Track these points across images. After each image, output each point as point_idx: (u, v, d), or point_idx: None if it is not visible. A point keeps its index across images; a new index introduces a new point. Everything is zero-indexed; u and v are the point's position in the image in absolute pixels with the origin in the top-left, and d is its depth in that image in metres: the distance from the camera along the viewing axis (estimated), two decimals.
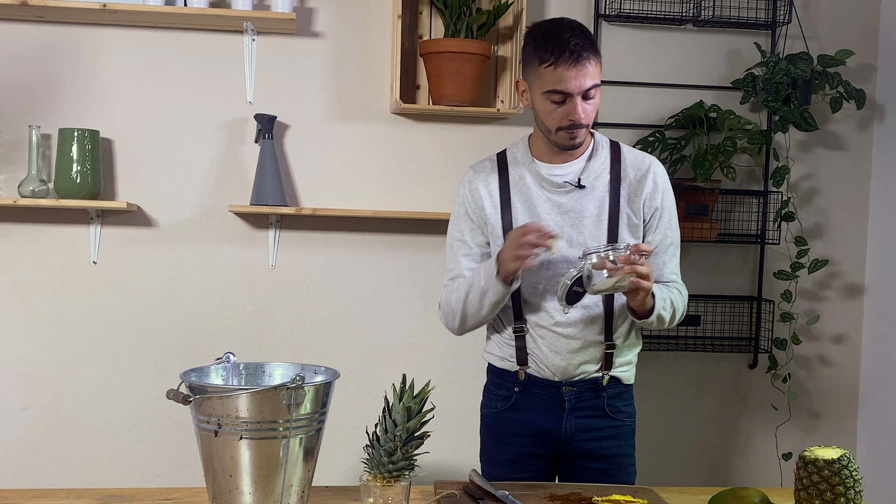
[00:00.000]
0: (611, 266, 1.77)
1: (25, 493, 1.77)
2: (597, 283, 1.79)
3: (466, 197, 2.07)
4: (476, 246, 2.07)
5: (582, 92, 1.89)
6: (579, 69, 1.87)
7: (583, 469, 2.04)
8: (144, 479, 2.90)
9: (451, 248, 2.10)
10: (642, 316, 1.95)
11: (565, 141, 1.95)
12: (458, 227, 2.09)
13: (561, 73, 1.87)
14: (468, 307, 1.99)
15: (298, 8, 2.88)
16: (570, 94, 1.88)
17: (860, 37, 3.13)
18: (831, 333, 3.21)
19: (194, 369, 1.65)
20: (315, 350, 2.95)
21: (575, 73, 1.87)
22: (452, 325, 2.08)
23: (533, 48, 1.92)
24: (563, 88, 1.88)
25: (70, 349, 2.87)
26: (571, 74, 1.87)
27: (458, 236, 2.08)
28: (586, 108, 1.91)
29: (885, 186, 3.13)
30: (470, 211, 2.06)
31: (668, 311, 1.97)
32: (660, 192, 2.02)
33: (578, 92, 1.88)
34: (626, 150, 2.06)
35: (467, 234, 2.07)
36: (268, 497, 1.53)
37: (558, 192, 1.99)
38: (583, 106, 1.90)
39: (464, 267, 2.07)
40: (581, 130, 1.93)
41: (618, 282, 1.78)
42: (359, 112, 2.94)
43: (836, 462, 1.54)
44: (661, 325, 1.99)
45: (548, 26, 1.93)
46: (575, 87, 1.88)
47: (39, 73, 2.81)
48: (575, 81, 1.87)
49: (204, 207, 2.90)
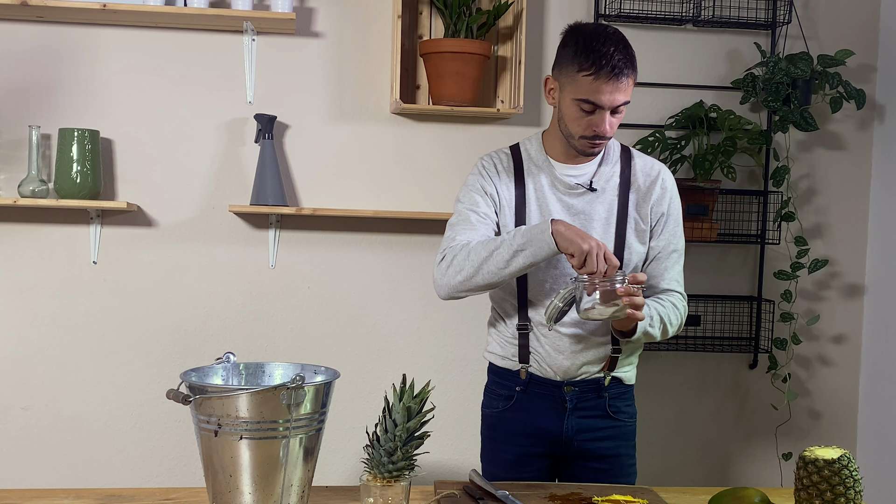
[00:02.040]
0: (605, 291, 1.77)
1: (25, 493, 1.77)
2: (592, 311, 1.79)
3: (482, 174, 2.02)
4: (487, 217, 1.98)
5: (613, 107, 1.89)
6: (616, 85, 1.86)
7: (583, 469, 2.04)
8: (144, 479, 2.90)
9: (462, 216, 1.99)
10: (625, 335, 1.95)
11: (585, 148, 1.94)
12: (472, 197, 2.00)
13: (598, 86, 1.86)
14: (489, 263, 1.87)
15: (298, 8, 2.88)
16: (602, 107, 1.88)
17: (860, 37, 3.13)
18: (831, 333, 3.21)
19: (194, 369, 1.65)
20: (315, 350, 2.95)
21: (611, 88, 1.86)
22: (451, 281, 1.93)
23: (573, 53, 1.88)
24: (597, 101, 1.87)
25: (70, 349, 2.87)
26: (608, 89, 1.86)
27: (466, 206, 2.00)
28: (613, 121, 1.91)
29: (885, 186, 3.13)
30: (485, 187, 2.00)
31: (657, 327, 1.96)
32: (667, 199, 2.02)
33: (610, 106, 1.88)
34: (636, 155, 2.06)
35: (478, 205, 1.99)
36: (268, 497, 1.53)
37: (570, 194, 1.99)
38: (610, 120, 1.90)
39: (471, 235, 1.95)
40: (603, 142, 1.94)
41: (614, 312, 1.79)
42: (359, 112, 2.94)
43: (836, 462, 1.54)
44: (651, 339, 1.98)
45: (592, 33, 1.88)
46: (608, 101, 1.87)
47: (39, 73, 2.81)
48: (609, 96, 1.86)
49: (204, 207, 2.90)
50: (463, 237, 1.96)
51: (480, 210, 1.99)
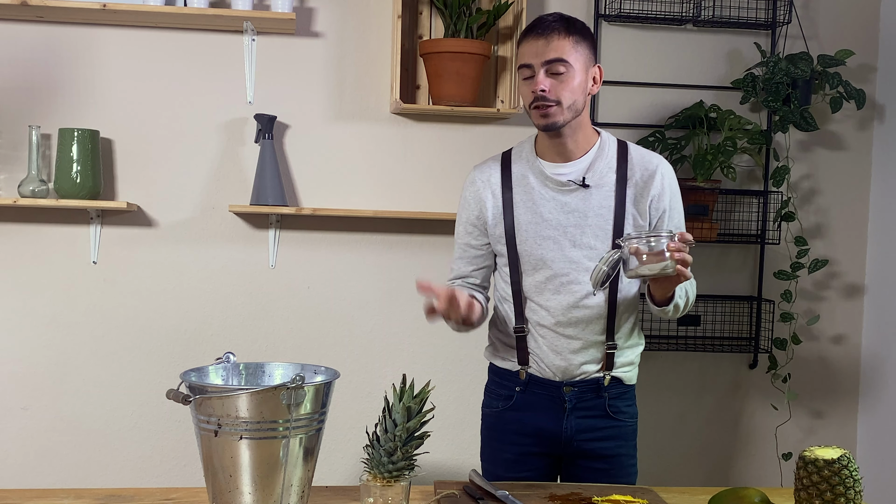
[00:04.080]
0: (653, 251, 1.75)
1: (25, 493, 1.77)
2: (640, 268, 1.77)
3: (468, 200, 2.09)
4: (474, 249, 2.09)
5: (543, 64, 1.90)
6: (544, 42, 1.91)
7: (584, 469, 2.04)
8: (144, 479, 2.90)
9: (455, 248, 2.14)
10: (662, 303, 1.94)
11: (537, 119, 1.95)
12: (458, 228, 2.13)
13: (526, 47, 1.94)
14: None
15: (298, 8, 2.88)
16: (532, 66, 1.92)
17: (860, 37, 3.13)
18: (831, 333, 3.21)
19: (194, 369, 1.65)
20: (315, 350, 2.95)
21: (537, 46, 1.91)
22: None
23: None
24: (526, 60, 1.93)
25: (70, 349, 2.87)
26: (534, 48, 1.92)
27: (457, 238, 2.12)
28: (554, 84, 1.91)
29: (885, 186, 3.13)
30: (470, 215, 2.08)
31: (683, 300, 1.97)
32: (668, 194, 2.01)
33: (540, 64, 1.91)
34: (633, 149, 2.05)
35: (465, 238, 2.10)
36: (268, 497, 1.53)
37: (562, 192, 1.99)
38: (548, 81, 1.91)
39: (461, 269, 2.11)
40: (551, 108, 1.92)
41: (664, 268, 1.76)
42: (359, 112, 2.94)
43: (836, 462, 1.54)
44: (676, 313, 1.98)
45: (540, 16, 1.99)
46: (536, 58, 1.91)
47: (39, 73, 2.81)
48: (536, 53, 1.91)
49: (204, 207, 2.90)
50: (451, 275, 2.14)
51: (463, 241, 2.12)
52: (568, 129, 1.96)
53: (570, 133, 1.97)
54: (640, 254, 1.76)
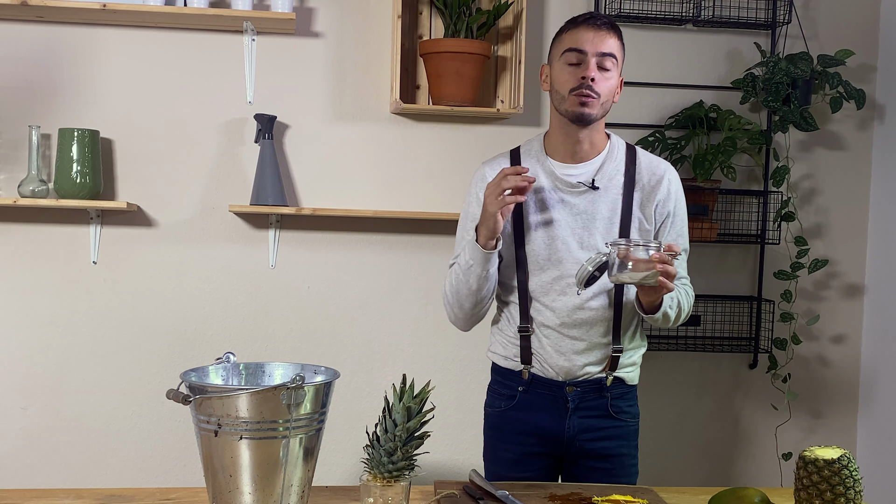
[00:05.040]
0: (638, 259, 1.76)
1: (25, 493, 1.77)
2: (622, 274, 1.78)
3: (477, 196, 2.05)
4: None
5: (598, 54, 1.91)
6: (598, 33, 1.92)
7: (585, 469, 2.04)
8: (144, 479, 2.90)
9: (458, 244, 2.09)
10: (650, 312, 1.94)
11: (575, 106, 1.93)
12: (465, 224, 2.08)
13: (579, 34, 1.93)
14: (460, 287, 1.99)
15: (298, 8, 2.88)
16: (585, 53, 1.91)
17: (860, 37, 3.13)
18: (831, 333, 3.21)
19: (194, 369, 1.65)
20: (315, 350, 2.95)
21: (593, 35, 1.92)
22: (453, 316, 2.07)
23: (561, 30, 1.99)
24: (580, 46, 1.92)
25: (70, 349, 2.87)
26: (589, 36, 1.92)
27: (464, 234, 2.07)
28: (601, 77, 1.92)
29: (885, 186, 3.13)
30: (477, 210, 2.03)
31: (674, 311, 1.97)
32: (673, 199, 2.02)
33: (594, 53, 1.91)
34: (641, 154, 2.05)
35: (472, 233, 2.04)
36: (268, 497, 1.53)
37: (572, 193, 1.99)
38: (597, 72, 1.91)
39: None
40: (592, 100, 1.92)
41: (645, 277, 1.77)
42: (359, 112, 2.94)
43: (836, 462, 1.54)
44: (666, 323, 1.98)
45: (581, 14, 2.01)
46: (591, 46, 1.92)
47: (39, 73, 2.81)
48: (592, 42, 1.92)
49: (204, 207, 2.90)
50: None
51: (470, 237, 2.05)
52: (588, 130, 1.97)
53: (591, 131, 1.98)
54: (626, 260, 1.77)
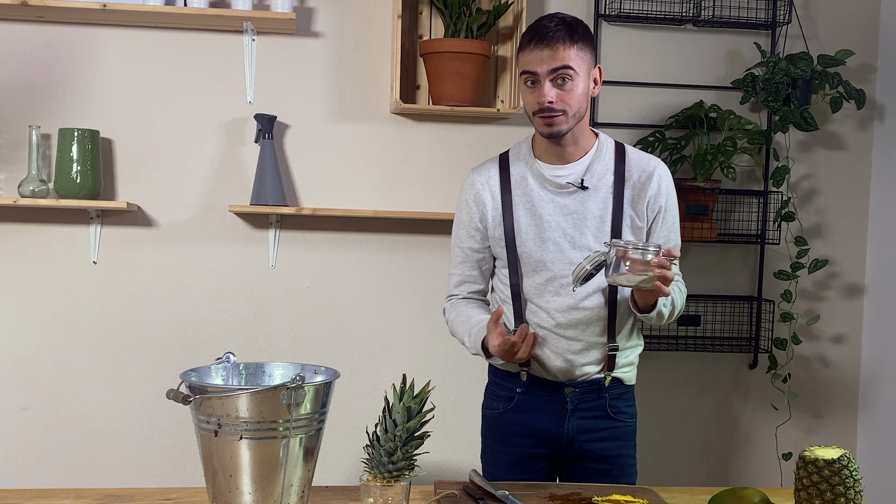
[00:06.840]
0: (636, 261, 1.76)
1: (25, 493, 1.77)
2: (620, 276, 1.78)
3: (467, 203, 2.07)
4: (476, 252, 2.08)
5: (549, 73, 1.89)
6: (548, 51, 1.89)
7: (584, 470, 2.04)
8: (144, 479, 2.90)
9: (453, 251, 2.12)
10: (644, 311, 1.94)
11: (542, 127, 1.94)
12: (458, 233, 2.11)
13: (532, 55, 1.91)
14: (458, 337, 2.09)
15: (298, 8, 2.88)
16: (537, 74, 1.90)
17: (860, 37, 3.13)
18: (831, 333, 3.21)
19: (194, 369, 1.65)
20: (315, 350, 2.95)
21: (542, 54, 1.89)
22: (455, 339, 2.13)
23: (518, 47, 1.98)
24: (530, 69, 1.91)
25: (70, 349, 2.87)
26: (538, 56, 1.90)
27: (457, 242, 2.10)
28: (560, 94, 1.90)
29: (885, 186, 3.13)
30: (469, 218, 2.07)
31: (668, 308, 1.98)
32: (664, 195, 2.01)
33: (545, 73, 1.89)
34: (630, 151, 2.05)
35: (466, 241, 2.08)
36: (268, 497, 1.53)
37: (561, 194, 1.99)
38: (554, 91, 1.90)
39: (466, 273, 2.10)
40: (557, 117, 1.91)
41: (643, 280, 1.77)
42: (359, 112, 2.94)
43: (836, 462, 1.54)
44: (660, 321, 1.98)
45: (540, 18, 1.97)
46: (542, 66, 1.89)
47: (39, 73, 2.81)
48: (542, 62, 1.89)
49: (204, 207, 2.90)
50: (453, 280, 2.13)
51: (464, 245, 2.10)
52: (570, 135, 1.96)
53: (572, 138, 1.98)
54: (625, 261, 1.77)
